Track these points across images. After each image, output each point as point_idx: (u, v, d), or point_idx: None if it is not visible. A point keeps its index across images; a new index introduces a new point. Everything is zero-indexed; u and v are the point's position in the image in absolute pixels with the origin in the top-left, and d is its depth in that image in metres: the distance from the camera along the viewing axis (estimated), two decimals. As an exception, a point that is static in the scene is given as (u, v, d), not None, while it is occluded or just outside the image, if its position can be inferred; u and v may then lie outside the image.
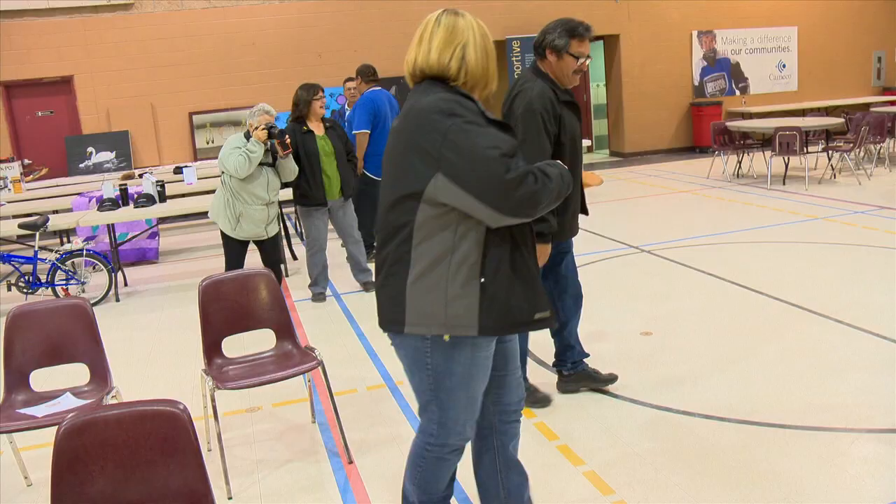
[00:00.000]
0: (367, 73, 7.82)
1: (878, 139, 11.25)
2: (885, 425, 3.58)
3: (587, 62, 3.68)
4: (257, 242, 5.81)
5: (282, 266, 5.95)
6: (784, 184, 10.54)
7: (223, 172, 5.56)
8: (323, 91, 6.38)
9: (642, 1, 13.93)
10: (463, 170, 2.21)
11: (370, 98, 7.44)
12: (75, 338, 3.62)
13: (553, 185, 2.26)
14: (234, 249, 5.70)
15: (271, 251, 5.88)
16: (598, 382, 4.19)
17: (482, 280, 2.31)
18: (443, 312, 2.31)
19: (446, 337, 2.34)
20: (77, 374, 3.69)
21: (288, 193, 7.39)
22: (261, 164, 5.55)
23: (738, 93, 15.25)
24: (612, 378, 4.22)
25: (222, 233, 5.69)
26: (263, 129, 5.45)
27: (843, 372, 4.22)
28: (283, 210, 8.55)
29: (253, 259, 5.68)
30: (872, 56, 16.16)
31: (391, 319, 2.40)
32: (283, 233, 8.31)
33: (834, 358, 4.42)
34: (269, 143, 5.51)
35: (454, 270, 2.30)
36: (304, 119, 6.24)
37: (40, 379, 3.80)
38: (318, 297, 6.59)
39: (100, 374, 3.65)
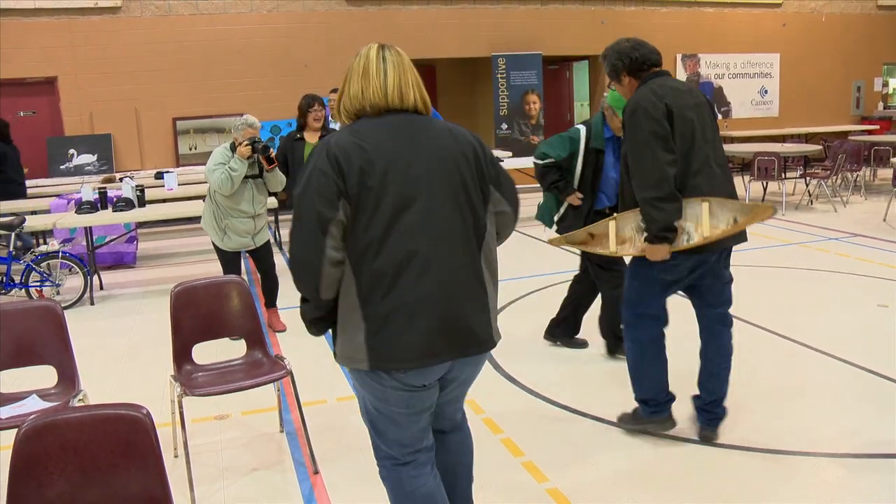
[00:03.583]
0: None
1: (855, 167, 11.43)
2: (848, 450, 3.63)
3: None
4: (250, 251, 5.81)
5: (275, 271, 5.96)
6: (762, 208, 10.64)
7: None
8: (322, 104, 6.34)
9: (627, 22, 14.06)
10: None
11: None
12: (44, 340, 3.60)
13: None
14: (225, 258, 5.71)
15: (264, 258, 5.87)
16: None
17: None
18: None
19: None
20: (45, 376, 3.67)
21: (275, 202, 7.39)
22: (247, 177, 5.48)
23: (720, 117, 15.42)
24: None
25: (213, 242, 5.70)
26: (247, 144, 5.35)
27: (809, 396, 4.27)
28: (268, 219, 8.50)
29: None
30: (852, 85, 16.42)
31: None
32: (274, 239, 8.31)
33: (800, 382, 4.47)
34: (253, 157, 5.46)
35: None
36: (303, 127, 6.28)
37: (8, 380, 3.77)
38: None
39: (67, 377, 3.63)
